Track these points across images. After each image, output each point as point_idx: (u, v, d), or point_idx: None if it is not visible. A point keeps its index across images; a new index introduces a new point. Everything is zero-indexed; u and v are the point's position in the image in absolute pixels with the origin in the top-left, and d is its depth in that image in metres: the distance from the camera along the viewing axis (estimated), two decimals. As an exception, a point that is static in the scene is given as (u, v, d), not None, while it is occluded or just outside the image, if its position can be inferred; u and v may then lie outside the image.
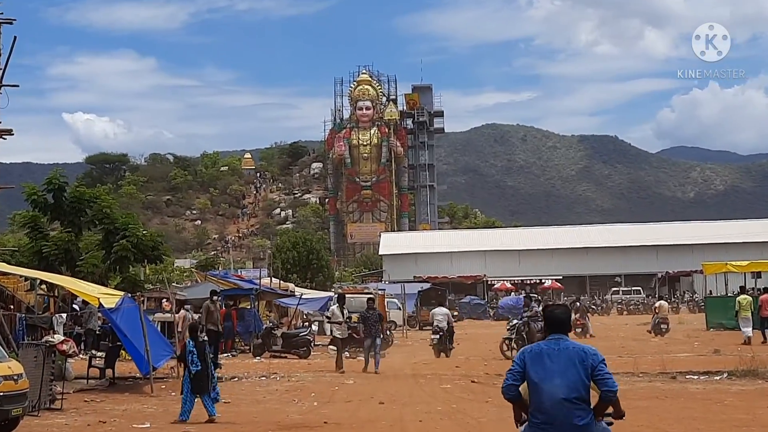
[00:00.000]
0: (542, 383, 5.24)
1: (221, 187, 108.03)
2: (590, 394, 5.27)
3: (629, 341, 26.64)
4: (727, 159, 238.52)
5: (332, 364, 19.09)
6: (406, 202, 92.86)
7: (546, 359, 5.31)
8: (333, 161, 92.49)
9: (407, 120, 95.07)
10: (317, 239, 64.29)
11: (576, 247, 66.45)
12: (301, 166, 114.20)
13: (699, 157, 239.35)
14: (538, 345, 5.47)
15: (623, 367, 17.17)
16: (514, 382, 5.37)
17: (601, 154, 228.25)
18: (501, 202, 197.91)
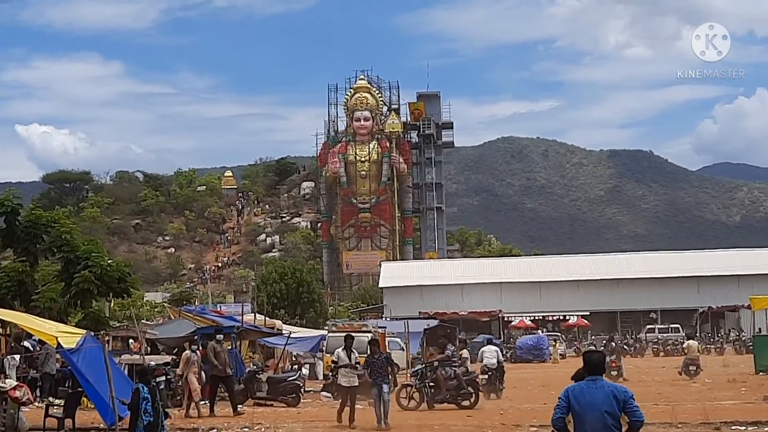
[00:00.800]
0: (585, 414, 7.33)
1: (198, 209, 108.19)
2: (621, 425, 7.38)
3: (666, 386, 26.57)
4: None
5: (326, 413, 19.02)
6: (410, 226, 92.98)
7: (587, 395, 7.42)
8: (326, 180, 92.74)
9: (412, 133, 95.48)
10: (308, 269, 64.24)
11: (605, 279, 66.37)
12: (289, 186, 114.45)
13: (745, 175, 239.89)
14: (579, 384, 7.56)
15: (659, 416, 17.12)
16: (561, 415, 7.40)
17: (634, 171, 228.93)
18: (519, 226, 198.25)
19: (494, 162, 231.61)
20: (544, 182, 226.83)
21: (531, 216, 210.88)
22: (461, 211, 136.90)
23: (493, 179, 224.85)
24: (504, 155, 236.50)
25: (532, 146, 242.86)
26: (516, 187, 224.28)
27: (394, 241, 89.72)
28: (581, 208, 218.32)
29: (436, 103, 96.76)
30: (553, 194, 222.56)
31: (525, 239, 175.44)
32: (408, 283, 67.89)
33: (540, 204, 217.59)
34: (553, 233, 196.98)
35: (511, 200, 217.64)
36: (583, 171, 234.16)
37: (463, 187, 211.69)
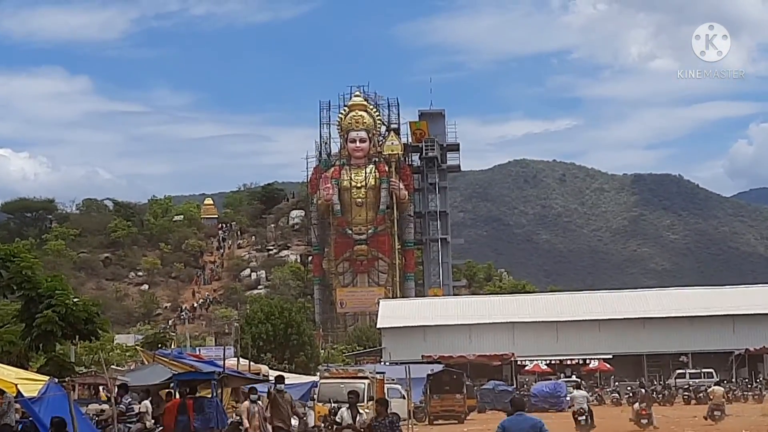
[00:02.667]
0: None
1: (174, 241, 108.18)
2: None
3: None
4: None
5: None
6: (411, 260, 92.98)
7: (516, 425, 12.12)
8: (318, 208, 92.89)
9: (413, 155, 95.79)
10: (298, 308, 64.17)
11: (630, 318, 66.33)
12: (277, 215, 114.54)
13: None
14: (509, 418, 12.28)
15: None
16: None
17: (661, 198, 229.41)
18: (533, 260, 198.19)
19: (505, 188, 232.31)
20: (560, 210, 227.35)
21: (546, 248, 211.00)
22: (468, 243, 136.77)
23: (504, 207, 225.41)
24: (516, 180, 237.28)
25: (548, 170, 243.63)
26: (529, 216, 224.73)
27: (393, 277, 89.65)
28: (602, 240, 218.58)
29: (440, 122, 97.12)
30: (571, 224, 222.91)
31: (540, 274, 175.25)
32: (409, 323, 67.76)
33: (556, 235, 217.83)
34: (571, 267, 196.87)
35: (524, 231, 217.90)
36: (604, 198, 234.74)
37: (471, 216, 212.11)
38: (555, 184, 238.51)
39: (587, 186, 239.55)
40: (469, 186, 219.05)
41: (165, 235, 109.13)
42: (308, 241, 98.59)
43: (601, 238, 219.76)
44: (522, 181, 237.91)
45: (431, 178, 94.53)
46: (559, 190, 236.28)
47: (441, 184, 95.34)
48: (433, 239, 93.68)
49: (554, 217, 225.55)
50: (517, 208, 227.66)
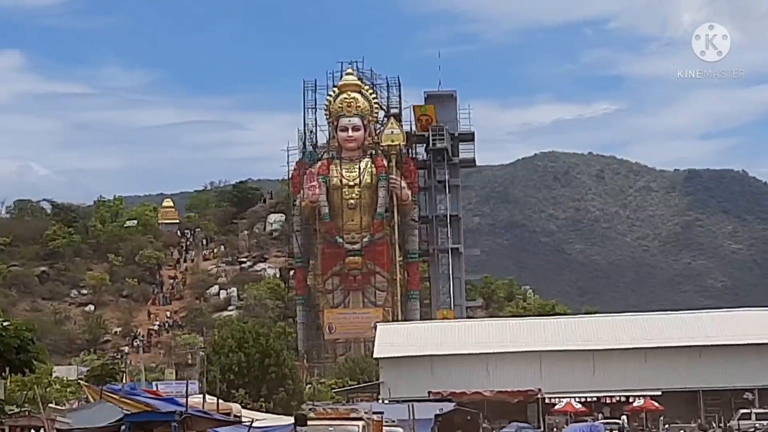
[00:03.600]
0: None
1: (126, 252, 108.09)
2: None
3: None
4: None
5: None
6: (415, 275, 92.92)
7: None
8: (301, 212, 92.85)
9: (418, 147, 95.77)
10: (277, 334, 63.98)
11: (682, 346, 66.31)
12: (251, 220, 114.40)
13: None
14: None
15: None
16: None
17: (720, 199, 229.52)
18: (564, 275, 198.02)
19: (530, 187, 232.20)
20: (597, 214, 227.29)
21: (580, 261, 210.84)
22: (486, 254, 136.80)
23: (528, 210, 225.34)
24: (543, 178, 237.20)
25: (582, 165, 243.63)
26: (560, 222, 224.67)
27: (393, 295, 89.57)
28: (649, 250, 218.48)
29: (450, 106, 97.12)
30: (611, 231, 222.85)
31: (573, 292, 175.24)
32: (413, 352, 67.67)
33: (592, 244, 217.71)
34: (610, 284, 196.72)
35: (554, 239, 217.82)
36: (651, 199, 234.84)
37: (488, 222, 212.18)
38: (591, 182, 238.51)
39: (630, 184, 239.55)
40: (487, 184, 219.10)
41: (115, 245, 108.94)
42: (289, 251, 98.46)
43: (647, 248, 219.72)
44: (551, 178, 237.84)
45: (440, 175, 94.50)
46: (595, 189, 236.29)
47: (452, 181, 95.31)
48: (443, 249, 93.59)
49: (590, 222, 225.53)
50: (544, 211, 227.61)
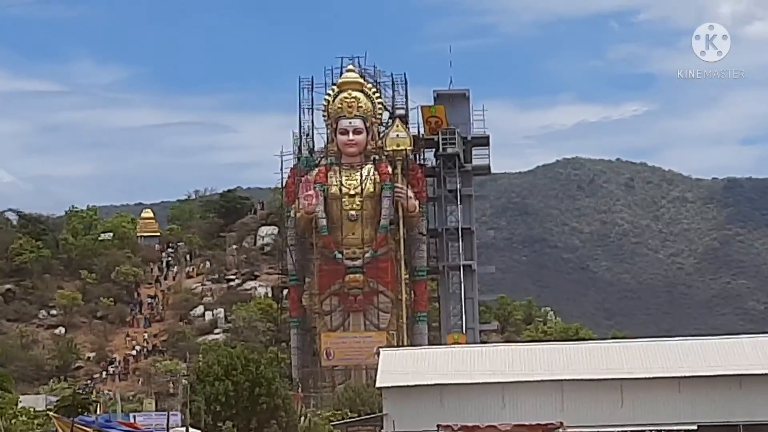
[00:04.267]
0: None
1: (101, 269, 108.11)
2: None
3: None
4: None
5: None
6: (423, 295, 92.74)
7: None
8: (296, 224, 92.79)
9: (426, 152, 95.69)
10: (268, 360, 63.97)
11: (720, 375, 66.13)
12: (240, 233, 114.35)
13: None
14: None
15: None
16: None
17: (763, 211, 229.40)
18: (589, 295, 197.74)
19: (551, 197, 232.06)
20: (626, 228, 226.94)
21: (607, 279, 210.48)
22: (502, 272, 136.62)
23: (549, 223, 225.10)
24: (566, 187, 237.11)
25: (609, 173, 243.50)
26: (584, 236, 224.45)
27: (399, 318, 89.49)
28: (684, 268, 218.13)
29: (463, 107, 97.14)
30: (641, 246, 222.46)
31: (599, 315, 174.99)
32: (420, 380, 67.45)
33: (621, 261, 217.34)
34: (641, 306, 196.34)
35: (577, 255, 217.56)
36: (686, 210, 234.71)
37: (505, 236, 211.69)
38: (619, 191, 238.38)
39: (663, 195, 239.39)
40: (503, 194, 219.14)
41: (88, 260, 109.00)
42: (283, 268, 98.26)
43: (681, 265, 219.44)
44: (574, 187, 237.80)
45: (451, 184, 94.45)
46: (624, 200, 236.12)
47: (464, 191, 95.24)
48: (454, 266, 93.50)
49: (618, 237, 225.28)
50: (567, 224, 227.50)
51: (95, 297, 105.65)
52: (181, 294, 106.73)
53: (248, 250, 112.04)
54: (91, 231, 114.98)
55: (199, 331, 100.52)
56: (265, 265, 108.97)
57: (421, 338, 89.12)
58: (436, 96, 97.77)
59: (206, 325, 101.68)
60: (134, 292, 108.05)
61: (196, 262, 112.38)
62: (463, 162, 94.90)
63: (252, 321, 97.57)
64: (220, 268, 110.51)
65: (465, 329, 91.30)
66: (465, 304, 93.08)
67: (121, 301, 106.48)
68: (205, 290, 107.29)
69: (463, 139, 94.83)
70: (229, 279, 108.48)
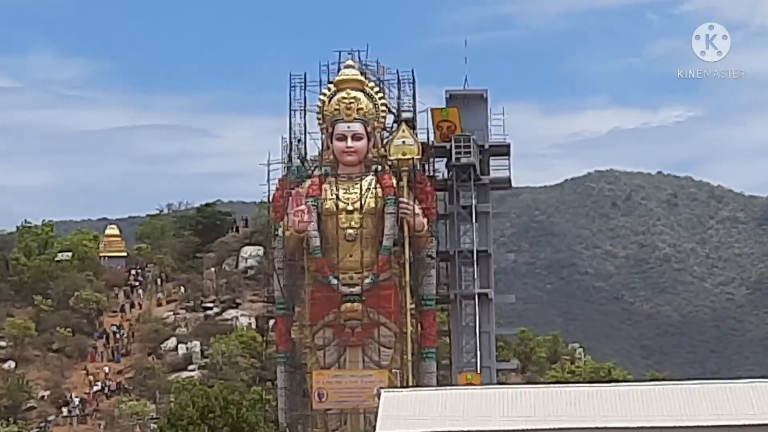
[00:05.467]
0: None
1: (58, 294, 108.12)
2: None
3: None
4: None
5: None
6: (432, 328, 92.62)
7: None
8: (285, 244, 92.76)
9: (437, 162, 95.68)
10: (251, 402, 63.87)
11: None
12: (220, 253, 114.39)
13: None
14: None
15: None
16: None
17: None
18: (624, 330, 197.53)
19: (581, 215, 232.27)
20: (668, 252, 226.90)
21: (646, 311, 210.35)
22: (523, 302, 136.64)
23: (579, 246, 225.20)
24: (598, 204, 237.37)
25: (648, 188, 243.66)
26: (619, 260, 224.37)
27: (403, 354, 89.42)
28: (734, 299, 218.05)
29: (479, 110, 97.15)
30: (685, 273, 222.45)
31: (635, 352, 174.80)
32: (427, 427, 67.48)
33: (661, 291, 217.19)
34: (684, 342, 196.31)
35: (611, 283, 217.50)
36: (737, 233, 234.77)
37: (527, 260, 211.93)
38: (660, 210, 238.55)
39: (710, 214, 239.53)
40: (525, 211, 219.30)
41: (43, 284, 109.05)
42: (268, 295, 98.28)
43: (732, 296, 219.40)
44: (608, 204, 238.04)
45: (465, 199, 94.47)
46: (666, 219, 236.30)
47: (481, 207, 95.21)
48: (467, 295, 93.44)
49: (658, 262, 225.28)
50: (599, 247, 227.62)
51: (51, 326, 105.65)
52: (151, 324, 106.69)
53: (229, 273, 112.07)
54: (47, 250, 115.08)
55: (171, 367, 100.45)
56: (249, 291, 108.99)
57: (429, 378, 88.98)
58: (449, 97, 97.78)
59: (179, 361, 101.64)
60: (96, 322, 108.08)
61: (168, 287, 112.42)
62: (479, 174, 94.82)
63: (232, 356, 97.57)
64: (195, 294, 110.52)
65: (480, 368, 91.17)
66: (480, 339, 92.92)
67: (80, 331, 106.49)
68: (179, 320, 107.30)
69: (479, 148, 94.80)
70: (207, 307, 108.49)
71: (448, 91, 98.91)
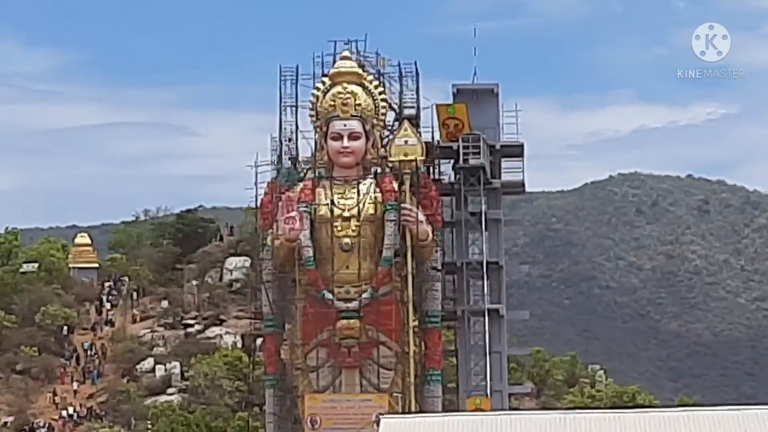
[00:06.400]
0: None
1: (23, 309, 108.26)
2: None
3: None
4: None
5: None
6: (437, 347, 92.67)
7: None
8: (274, 254, 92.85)
9: (443, 164, 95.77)
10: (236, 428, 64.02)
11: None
12: (202, 265, 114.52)
13: None
14: None
15: None
16: None
17: None
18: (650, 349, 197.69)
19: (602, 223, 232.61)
20: (698, 264, 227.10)
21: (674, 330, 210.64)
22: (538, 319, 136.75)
23: (600, 257, 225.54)
24: (621, 210, 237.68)
25: (677, 193, 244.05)
26: (644, 273, 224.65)
27: (405, 376, 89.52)
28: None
29: (489, 106, 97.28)
30: (718, 287, 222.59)
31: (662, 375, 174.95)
32: (432, 458, 67.57)
33: (691, 306, 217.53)
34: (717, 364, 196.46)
35: (635, 298, 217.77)
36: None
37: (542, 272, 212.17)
38: (690, 217, 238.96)
39: (746, 221, 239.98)
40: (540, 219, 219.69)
41: (6, 298, 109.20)
42: (256, 311, 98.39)
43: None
44: (632, 211, 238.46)
45: (474, 205, 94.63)
46: (697, 227, 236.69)
47: (491, 214, 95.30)
48: (476, 311, 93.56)
49: (687, 275, 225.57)
50: (622, 258, 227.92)
51: (14, 345, 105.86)
52: (125, 343, 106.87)
53: (212, 287, 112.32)
54: (11, 261, 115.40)
55: (148, 390, 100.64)
56: (234, 306, 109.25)
57: (434, 403, 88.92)
58: (456, 92, 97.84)
59: (157, 384, 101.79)
60: (65, 340, 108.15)
61: (145, 301, 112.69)
62: (489, 177, 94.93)
63: (216, 378, 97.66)
64: (175, 309, 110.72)
65: (490, 392, 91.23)
66: (490, 360, 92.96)
67: (47, 351, 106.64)
68: (156, 338, 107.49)
69: (490, 148, 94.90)
70: (187, 324, 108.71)
71: (455, 85, 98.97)
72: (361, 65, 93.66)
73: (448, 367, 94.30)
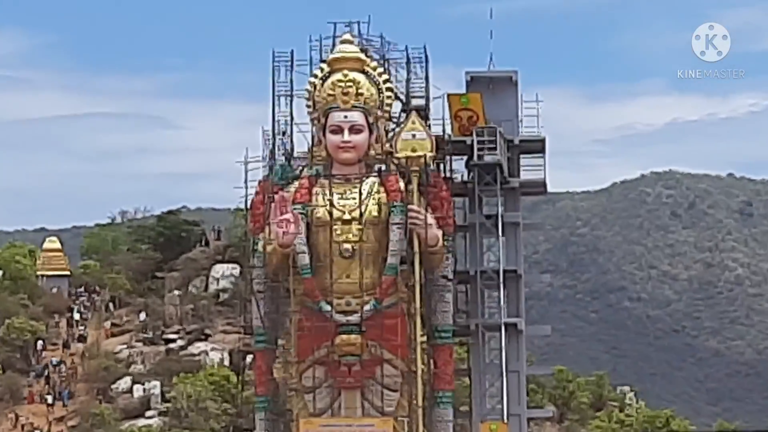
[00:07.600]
0: None
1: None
2: None
3: None
4: None
5: None
6: (448, 366, 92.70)
7: None
8: (266, 261, 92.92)
9: (455, 160, 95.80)
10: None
11: None
12: (185, 272, 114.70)
13: None
14: None
15: None
16: None
17: None
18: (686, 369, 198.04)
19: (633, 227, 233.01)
20: (740, 274, 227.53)
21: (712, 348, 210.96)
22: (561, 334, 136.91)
23: (630, 265, 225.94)
24: (654, 213, 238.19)
25: (717, 194, 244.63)
26: (680, 284, 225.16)
27: (412, 397, 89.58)
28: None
29: (507, 96, 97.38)
30: (762, 300, 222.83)
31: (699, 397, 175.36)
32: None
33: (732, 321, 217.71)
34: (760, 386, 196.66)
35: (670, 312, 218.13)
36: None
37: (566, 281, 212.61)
38: (731, 221, 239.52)
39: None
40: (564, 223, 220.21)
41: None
42: (245, 324, 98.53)
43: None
44: (667, 214, 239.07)
45: (490, 206, 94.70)
46: (738, 232, 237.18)
47: (509, 217, 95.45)
48: (491, 326, 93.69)
49: (728, 285, 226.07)
50: (655, 267, 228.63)
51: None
52: (100, 360, 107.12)
53: (196, 297, 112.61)
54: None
55: (125, 413, 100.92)
56: (221, 319, 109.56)
57: (444, 428, 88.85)
58: (470, 80, 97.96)
59: (135, 405, 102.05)
60: (32, 356, 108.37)
61: (122, 313, 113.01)
62: (507, 175, 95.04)
63: (200, 400, 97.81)
64: (155, 323, 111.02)
65: (507, 416, 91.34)
66: (507, 380, 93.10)
67: (12, 368, 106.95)
68: (134, 355, 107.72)
69: (507, 143, 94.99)
70: (169, 339, 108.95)
71: (469, 72, 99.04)
72: (364, 50, 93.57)
73: (460, 388, 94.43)
